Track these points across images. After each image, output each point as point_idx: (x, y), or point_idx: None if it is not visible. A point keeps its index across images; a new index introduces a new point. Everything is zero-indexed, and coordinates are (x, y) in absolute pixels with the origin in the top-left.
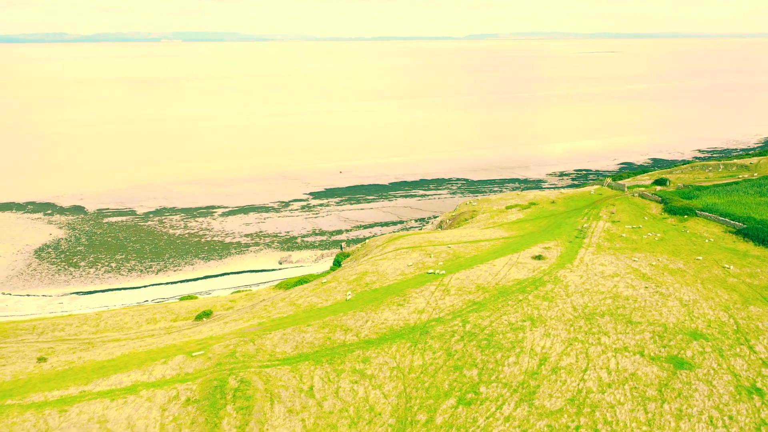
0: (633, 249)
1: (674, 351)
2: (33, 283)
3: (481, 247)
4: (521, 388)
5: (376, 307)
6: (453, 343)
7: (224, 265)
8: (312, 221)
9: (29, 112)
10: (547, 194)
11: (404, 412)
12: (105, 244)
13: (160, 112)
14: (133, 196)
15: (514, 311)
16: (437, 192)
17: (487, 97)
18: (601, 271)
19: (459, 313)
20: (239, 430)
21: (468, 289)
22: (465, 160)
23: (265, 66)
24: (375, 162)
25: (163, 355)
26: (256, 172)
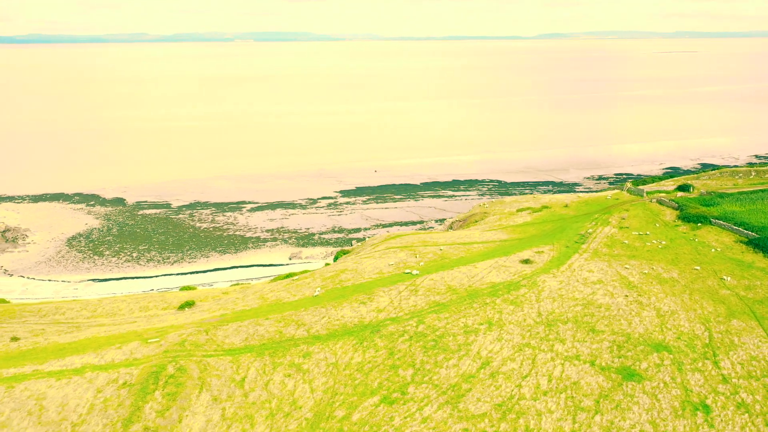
0: (630, 256)
1: (628, 362)
2: (57, 270)
3: (473, 249)
4: (451, 390)
5: (338, 304)
6: (399, 343)
7: (237, 258)
8: (334, 219)
9: (103, 108)
10: (562, 198)
11: (325, 407)
12: (132, 235)
13: (222, 109)
14: (173, 189)
15: (475, 314)
16: (466, 193)
17: (544, 97)
18: (585, 278)
19: (418, 313)
20: (159, 414)
21: (437, 290)
22: (504, 161)
23: (330, 65)
24: (413, 162)
25: (121, 341)
26: (294, 169)
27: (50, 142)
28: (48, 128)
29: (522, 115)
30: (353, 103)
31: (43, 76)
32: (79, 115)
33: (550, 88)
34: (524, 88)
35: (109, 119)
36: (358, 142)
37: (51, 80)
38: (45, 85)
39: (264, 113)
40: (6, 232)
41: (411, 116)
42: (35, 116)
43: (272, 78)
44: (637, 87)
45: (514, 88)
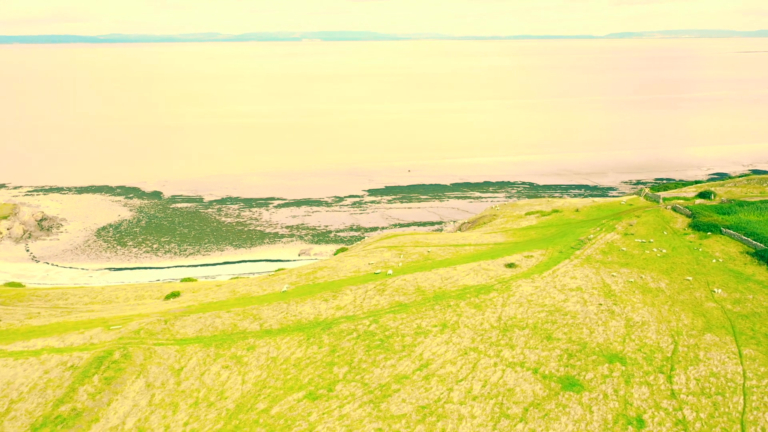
0: (623, 264)
1: (574, 372)
2: (80, 258)
3: (462, 252)
4: (379, 390)
5: (301, 300)
6: (344, 341)
7: (250, 252)
8: (355, 217)
9: (166, 105)
10: (576, 202)
11: (249, 399)
12: (159, 227)
13: (280, 108)
14: (209, 184)
15: (433, 316)
16: (494, 195)
17: (604, 99)
18: (564, 284)
19: (376, 313)
20: (90, 397)
21: (405, 291)
22: (541, 163)
23: (393, 65)
24: (448, 162)
25: (86, 326)
26: (329, 167)
27: (107, 137)
28: (109, 123)
29: (574, 117)
30: (407, 101)
31: (115, 74)
32: (142, 111)
33: (613, 89)
34: (585, 88)
35: (169, 115)
36: (402, 140)
37: (122, 77)
38: (116, 81)
39: (319, 111)
40: (43, 221)
41: (461, 116)
42: (99, 111)
43: (334, 77)
44: (707, 88)
45: (574, 88)
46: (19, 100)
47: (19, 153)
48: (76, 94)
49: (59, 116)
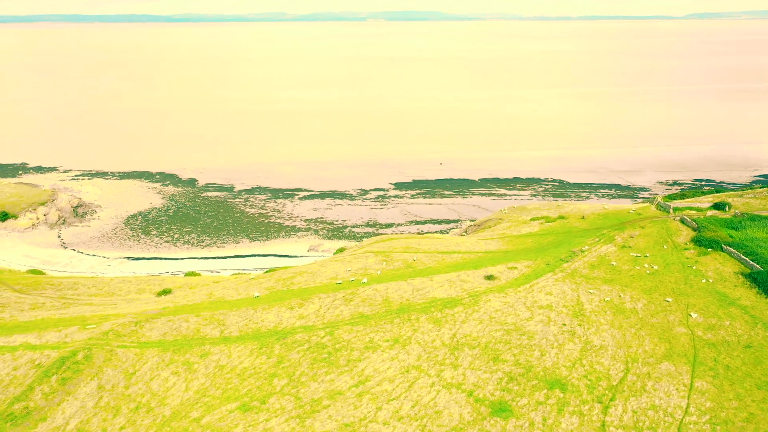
0: (606, 280)
1: (509, 396)
2: (104, 246)
3: (447, 260)
4: (310, 405)
5: (268, 308)
6: (293, 352)
7: (263, 246)
8: (374, 212)
9: (222, 89)
10: (586, 208)
11: (186, 406)
12: (185, 216)
13: (331, 93)
14: (243, 173)
15: (389, 330)
16: (519, 193)
17: (668, 88)
18: (535, 301)
19: (335, 324)
20: (44, 396)
21: (372, 302)
22: (577, 158)
23: (456, 47)
24: (481, 155)
25: (65, 324)
26: (362, 158)
27: (156, 122)
28: (160, 107)
29: (628, 108)
30: (461, 89)
31: (178, 55)
32: (195, 96)
33: (680, 78)
34: (649, 77)
35: (220, 99)
36: (444, 131)
37: (184, 59)
38: (176, 63)
39: (369, 98)
40: (78, 207)
41: (510, 106)
42: (153, 95)
43: (393, 61)
44: None
45: (637, 77)
46: (84, 81)
47: (76, 136)
48: (137, 76)
49: (118, 99)
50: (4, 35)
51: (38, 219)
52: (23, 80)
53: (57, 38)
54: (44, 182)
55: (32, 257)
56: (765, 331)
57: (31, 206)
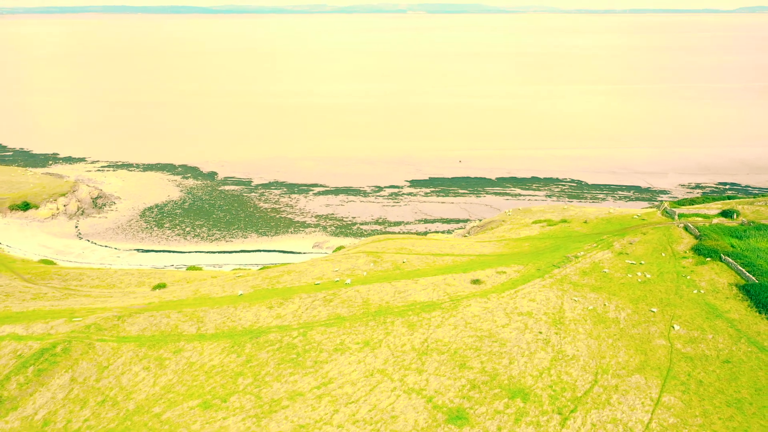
0: (595, 288)
1: (467, 404)
2: (118, 237)
3: (438, 262)
4: (268, 405)
5: (249, 306)
6: (263, 352)
7: (271, 241)
8: (385, 210)
9: (253, 82)
10: (591, 212)
11: (150, 402)
12: (199, 210)
13: (364, 87)
14: (262, 167)
15: (362, 332)
16: (534, 193)
17: (707, 86)
18: (516, 307)
19: (310, 324)
20: (19, 386)
21: (351, 303)
22: (600, 158)
23: (492, 41)
24: (502, 152)
25: (54, 316)
26: (381, 154)
27: (188, 114)
28: (194, 100)
29: (662, 107)
30: (495, 84)
31: (215, 46)
32: (229, 88)
33: (722, 75)
34: (689, 73)
35: (254, 93)
36: (470, 127)
37: (221, 51)
38: (213, 55)
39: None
40: (98, 199)
41: (543, 102)
42: (189, 87)
43: (431, 55)
44: None
45: (677, 73)
46: (122, 73)
47: (108, 128)
48: (173, 67)
49: (152, 91)
50: (51, 26)
51: (58, 209)
52: (65, 71)
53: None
54: (70, 173)
55: (48, 247)
56: (747, 346)
57: (52, 197)
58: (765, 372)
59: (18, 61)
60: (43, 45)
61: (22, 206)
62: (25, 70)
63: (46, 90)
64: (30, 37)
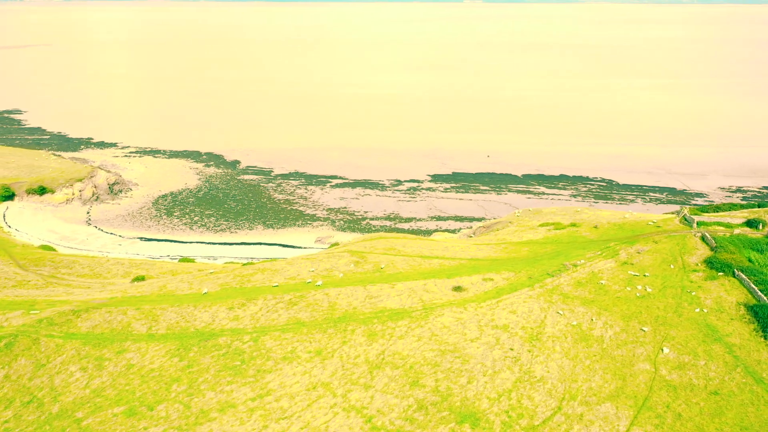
0: (586, 302)
1: (409, 427)
2: (125, 225)
3: (425, 266)
4: (196, 416)
5: (209, 306)
6: (207, 357)
7: (274, 234)
8: (399, 205)
9: (301, 72)
10: (604, 217)
11: (76, 405)
12: (212, 199)
13: (413, 79)
14: (286, 157)
15: (318, 340)
16: (559, 192)
17: None
18: (492, 319)
19: (266, 329)
20: None
21: (316, 307)
22: (636, 157)
23: (550, 31)
24: (535, 149)
25: (14, 307)
26: (409, 146)
27: (224, 102)
28: (236, 88)
29: (719, 102)
30: (546, 77)
31: (274, 36)
32: (277, 76)
33: None
34: (759, 66)
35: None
36: (507, 121)
37: (279, 40)
38: (269, 44)
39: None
40: (115, 185)
41: (587, 96)
42: (229, 75)
43: (485, 46)
44: None
45: (744, 67)
46: (171, 59)
47: (145, 114)
48: (221, 55)
49: (198, 78)
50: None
51: (73, 195)
52: (121, 57)
53: (164, 16)
54: (98, 158)
55: (55, 232)
56: (743, 376)
57: (68, 182)
58: (756, 408)
59: (76, 47)
60: (108, 31)
61: (38, 191)
62: (83, 56)
63: (95, 75)
64: (94, 23)
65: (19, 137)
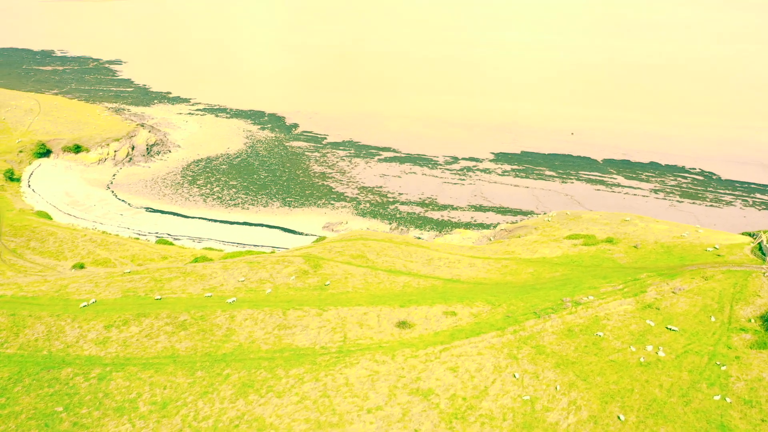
0: (563, 363)
1: None
2: (142, 192)
3: (385, 285)
4: None
5: (86, 321)
6: (30, 396)
7: (288, 213)
8: (441, 188)
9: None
10: (658, 231)
11: None
12: (244, 168)
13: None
14: (348, 123)
15: (173, 387)
16: (638, 185)
17: None
18: (418, 378)
19: (128, 361)
20: None
21: (208, 335)
22: (757, 144)
23: None
24: (630, 127)
25: None
26: (483, 117)
27: (307, 63)
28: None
29: None
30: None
31: None
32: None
33: None
34: None
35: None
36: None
37: None
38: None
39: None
40: (154, 146)
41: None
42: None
43: None
44: None
45: None
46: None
47: (229, 72)
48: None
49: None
50: None
51: (107, 155)
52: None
53: None
54: (161, 113)
55: (70, 195)
56: None
57: (105, 141)
58: None
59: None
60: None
61: (73, 149)
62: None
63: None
64: None
65: (104, 88)
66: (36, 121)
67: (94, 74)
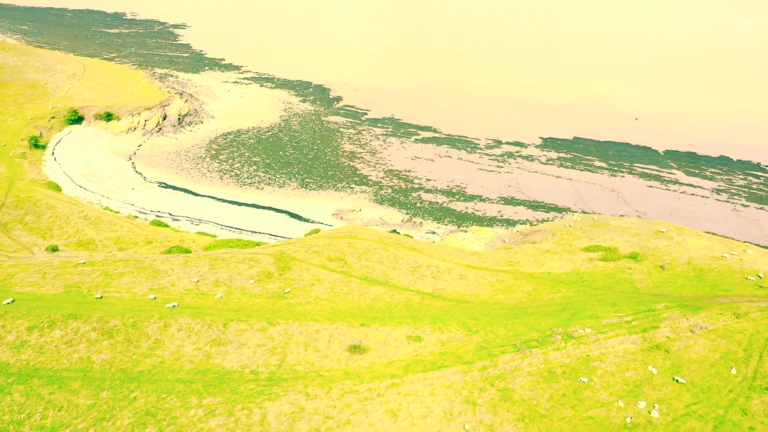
0: (529, 417)
1: None
2: (163, 164)
3: (354, 297)
4: None
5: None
6: None
7: (304, 195)
8: (474, 175)
9: None
10: (695, 249)
11: None
12: (271, 144)
13: None
14: (393, 98)
15: (62, 416)
16: (700, 183)
17: None
18: (348, 422)
19: (30, 373)
20: None
21: (129, 348)
22: None
23: None
24: (702, 114)
25: None
26: (543, 97)
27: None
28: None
29: None
30: None
31: None
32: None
33: None
34: None
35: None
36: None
37: None
38: None
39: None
40: (186, 116)
41: None
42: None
43: None
44: None
45: None
46: None
47: (287, 40)
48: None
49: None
50: None
51: (137, 124)
52: None
53: None
54: (207, 81)
55: (89, 166)
56: None
57: (137, 109)
58: None
59: None
60: None
61: (105, 116)
62: None
63: None
64: None
65: (160, 53)
66: (75, 87)
67: (156, 38)
